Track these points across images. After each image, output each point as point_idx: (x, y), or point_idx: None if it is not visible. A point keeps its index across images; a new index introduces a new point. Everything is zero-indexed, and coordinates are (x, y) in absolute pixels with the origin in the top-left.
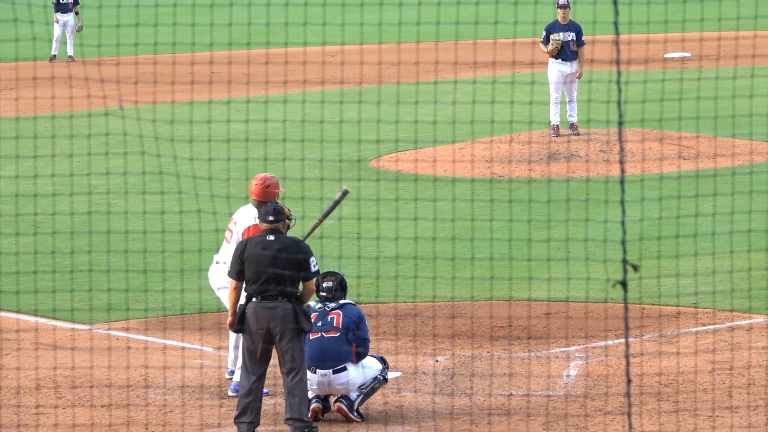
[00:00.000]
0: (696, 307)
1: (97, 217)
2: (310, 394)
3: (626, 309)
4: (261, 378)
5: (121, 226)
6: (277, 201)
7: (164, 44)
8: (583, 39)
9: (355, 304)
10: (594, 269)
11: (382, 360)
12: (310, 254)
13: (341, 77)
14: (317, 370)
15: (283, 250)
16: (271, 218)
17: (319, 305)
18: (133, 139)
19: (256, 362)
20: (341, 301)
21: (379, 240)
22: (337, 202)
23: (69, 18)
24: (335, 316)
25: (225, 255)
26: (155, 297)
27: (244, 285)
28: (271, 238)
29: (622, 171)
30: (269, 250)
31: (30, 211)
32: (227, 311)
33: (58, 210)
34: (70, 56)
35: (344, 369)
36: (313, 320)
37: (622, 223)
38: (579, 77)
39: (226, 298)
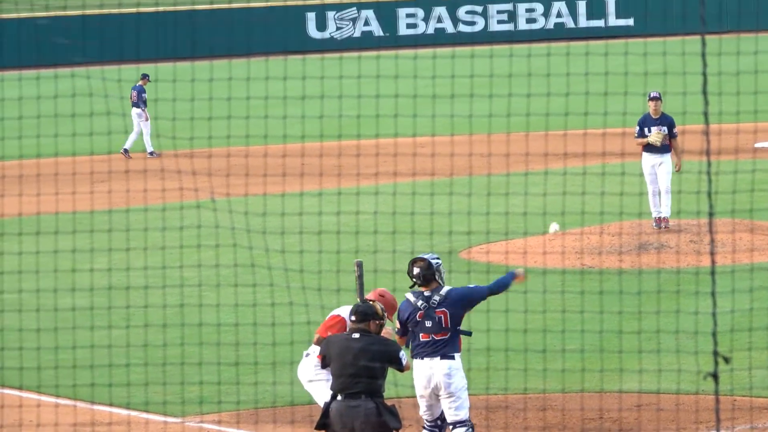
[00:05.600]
0: None
1: (189, 310)
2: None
3: (717, 401)
4: None
5: (213, 318)
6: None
7: (256, 136)
8: (675, 131)
9: (455, 288)
10: (685, 361)
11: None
12: (399, 349)
13: (432, 168)
14: (425, 357)
15: (366, 347)
16: (353, 318)
17: (422, 302)
18: (225, 231)
19: None
20: (443, 291)
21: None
22: (359, 278)
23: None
24: (442, 315)
25: (315, 348)
26: (247, 389)
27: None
28: (356, 336)
29: (713, 262)
30: (352, 347)
31: (122, 304)
32: (318, 404)
33: (150, 302)
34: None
35: (452, 357)
36: (419, 318)
37: (713, 314)
38: (678, 170)
39: (315, 391)
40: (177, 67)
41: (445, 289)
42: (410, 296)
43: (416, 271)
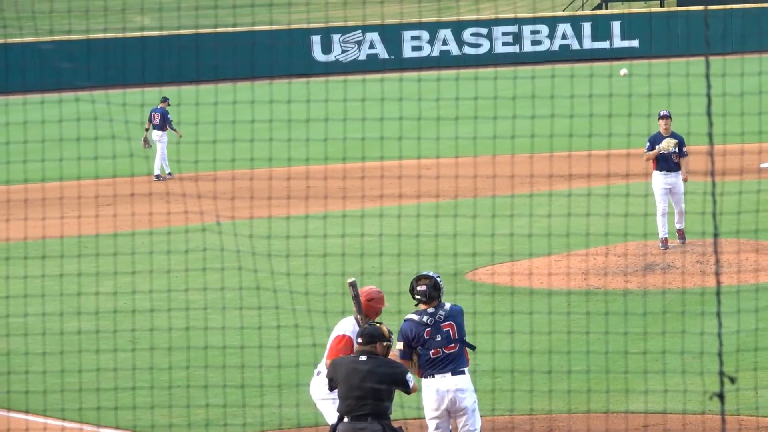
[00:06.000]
0: None
1: (194, 333)
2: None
3: (724, 421)
4: None
5: (218, 341)
6: (377, 318)
7: (260, 159)
8: (685, 150)
9: (453, 304)
10: (691, 381)
11: None
12: (406, 371)
13: (437, 190)
14: (435, 375)
15: (373, 369)
16: (360, 340)
17: (427, 317)
18: (230, 255)
19: None
20: (446, 307)
21: (476, 353)
22: (356, 297)
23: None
24: (449, 329)
25: (324, 365)
26: (253, 412)
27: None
28: (363, 358)
29: (718, 282)
30: (359, 369)
31: (128, 327)
32: (326, 425)
33: (156, 326)
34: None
35: (463, 372)
36: (427, 336)
37: (719, 334)
38: (685, 180)
39: (326, 410)
40: (181, 91)
41: (447, 304)
42: (414, 316)
43: (422, 288)
